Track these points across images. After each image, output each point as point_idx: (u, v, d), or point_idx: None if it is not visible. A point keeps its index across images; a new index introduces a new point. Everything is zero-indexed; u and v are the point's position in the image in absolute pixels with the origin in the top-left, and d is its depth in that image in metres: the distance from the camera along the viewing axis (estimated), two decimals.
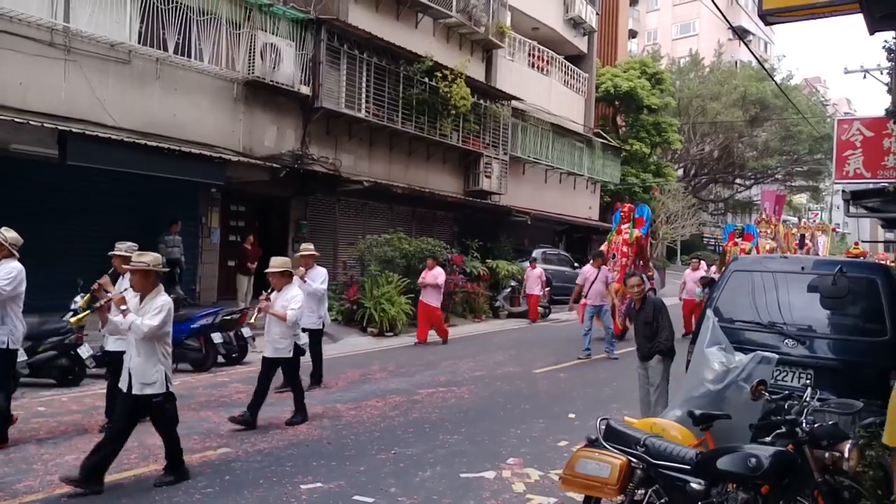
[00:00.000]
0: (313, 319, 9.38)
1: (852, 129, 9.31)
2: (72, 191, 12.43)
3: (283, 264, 7.70)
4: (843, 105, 67.05)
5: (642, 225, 15.46)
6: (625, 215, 15.60)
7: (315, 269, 9.58)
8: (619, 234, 15.38)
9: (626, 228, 15.28)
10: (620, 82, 32.34)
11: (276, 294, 7.61)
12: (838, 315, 5.98)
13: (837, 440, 3.70)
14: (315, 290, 9.32)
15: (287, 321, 7.39)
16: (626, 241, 15.22)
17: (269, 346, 7.68)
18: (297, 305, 7.47)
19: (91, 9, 11.74)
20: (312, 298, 9.23)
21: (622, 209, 15.80)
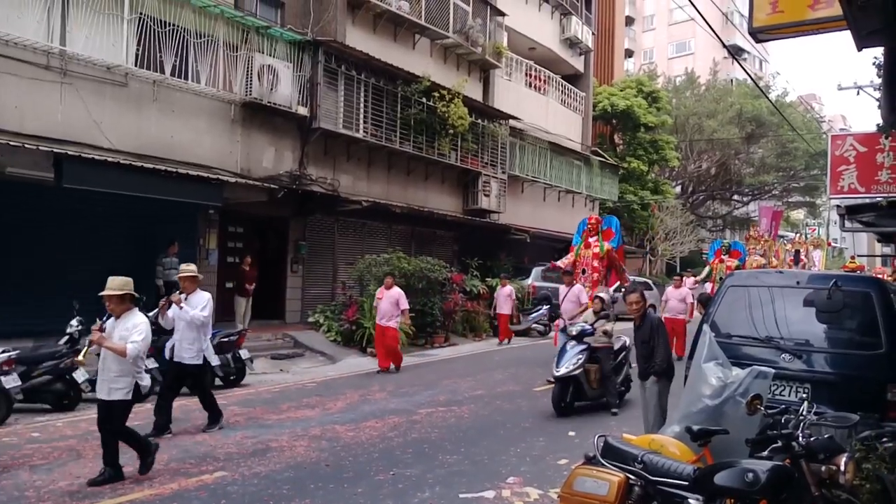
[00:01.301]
0: (192, 353, 8.15)
1: (846, 145, 9.37)
2: (68, 214, 12.41)
3: (123, 286, 6.44)
4: (838, 121, 67.40)
5: (611, 237, 14.88)
6: (592, 227, 14.76)
7: (197, 293, 8.34)
8: (587, 248, 14.62)
9: (596, 241, 14.60)
10: (617, 101, 32.57)
11: (112, 322, 6.39)
12: (834, 329, 5.99)
13: (834, 454, 3.68)
14: (194, 317, 8.04)
15: (127, 356, 6.10)
16: (596, 255, 14.50)
17: (103, 385, 6.29)
18: (140, 337, 6.18)
19: (87, 32, 11.80)
20: (192, 328, 8.10)
21: (588, 221, 15.00)
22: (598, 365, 9.59)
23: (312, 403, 9.91)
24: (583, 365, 9.30)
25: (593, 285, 14.19)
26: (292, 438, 7.88)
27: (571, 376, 9.26)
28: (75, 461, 6.84)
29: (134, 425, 7.51)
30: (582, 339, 9.48)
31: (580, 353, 9.33)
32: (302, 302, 16.97)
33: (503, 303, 17.62)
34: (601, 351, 9.63)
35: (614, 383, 9.71)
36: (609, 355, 9.75)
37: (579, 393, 9.46)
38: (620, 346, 10.20)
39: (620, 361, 10.10)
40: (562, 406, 9.26)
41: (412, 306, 15.95)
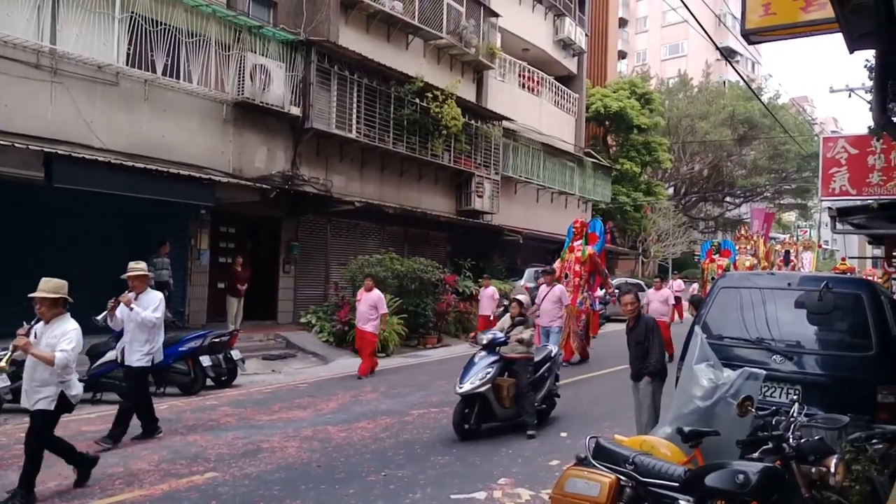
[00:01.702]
0: (139, 356, 7.77)
1: (837, 147, 9.40)
2: (59, 213, 12.39)
3: (56, 289, 6.18)
4: (829, 123, 67.66)
5: (595, 241, 14.70)
6: (577, 231, 14.68)
7: (148, 293, 7.98)
8: (570, 252, 14.52)
9: (579, 245, 14.46)
10: (610, 102, 32.69)
11: (41, 327, 6.12)
12: (825, 331, 6.02)
13: (824, 455, 3.70)
14: (145, 319, 7.68)
15: (55, 365, 5.76)
16: (578, 259, 14.38)
17: (27, 394, 5.97)
18: (70, 346, 5.88)
19: (78, 30, 11.75)
20: (142, 330, 7.74)
21: (574, 225, 14.90)
22: (515, 379, 8.32)
23: (304, 404, 9.88)
24: (492, 379, 8.04)
25: (575, 290, 14.12)
26: (284, 439, 7.86)
27: (477, 394, 7.97)
28: (62, 462, 6.78)
29: None
30: (493, 349, 8.30)
31: (490, 367, 8.08)
32: (294, 302, 16.92)
33: (486, 304, 17.15)
34: (518, 363, 8.32)
35: (532, 400, 8.34)
36: (527, 368, 8.36)
37: (487, 413, 8.15)
38: (544, 357, 8.97)
39: (542, 374, 8.80)
40: (465, 429, 7.94)
41: (405, 307, 16.00)
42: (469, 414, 8.00)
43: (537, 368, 8.70)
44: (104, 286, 12.68)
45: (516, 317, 8.62)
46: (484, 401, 8.07)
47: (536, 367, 8.66)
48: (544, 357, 8.97)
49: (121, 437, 7.57)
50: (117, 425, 7.59)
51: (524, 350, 8.39)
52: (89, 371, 9.84)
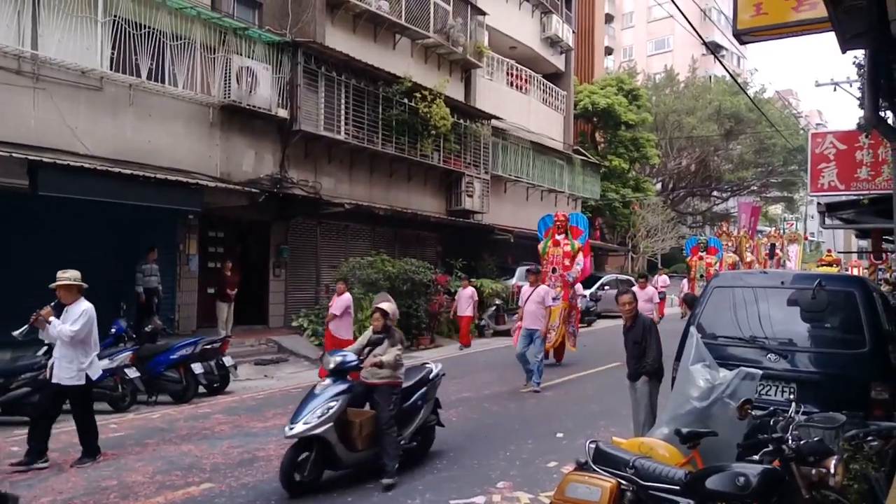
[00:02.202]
0: (71, 373, 7.09)
1: (826, 143, 9.43)
2: (45, 221, 12.24)
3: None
4: (814, 116, 68.16)
5: (579, 235, 14.41)
6: (560, 225, 14.22)
7: (78, 304, 7.19)
8: (556, 247, 14.12)
9: (566, 240, 14.11)
10: (598, 99, 32.75)
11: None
12: (818, 328, 6.05)
13: (823, 456, 3.72)
14: (61, 332, 6.96)
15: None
16: (567, 254, 13.98)
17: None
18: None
19: (60, 35, 11.57)
20: (68, 345, 7.03)
21: (555, 218, 14.47)
22: (374, 412, 6.69)
23: (291, 413, 9.79)
24: (335, 416, 6.26)
25: (565, 285, 13.92)
26: (279, 447, 7.71)
27: (314, 436, 6.19)
28: (56, 476, 6.73)
29: (116, 436, 7.45)
30: (344, 374, 6.62)
31: (333, 399, 6.31)
32: (285, 306, 16.84)
33: (464, 305, 16.89)
34: (379, 391, 6.63)
35: (394, 439, 6.55)
36: (390, 397, 6.62)
37: (330, 458, 6.37)
38: (419, 380, 7.23)
39: (415, 403, 7.07)
40: (296, 481, 6.14)
41: (398, 308, 15.89)
42: (304, 462, 6.19)
43: (409, 395, 7.02)
44: (94, 294, 12.58)
45: (379, 331, 6.85)
46: (323, 444, 6.25)
47: (408, 394, 7.00)
48: (419, 379, 7.25)
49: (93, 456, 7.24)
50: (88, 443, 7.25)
51: (388, 375, 6.65)
52: None
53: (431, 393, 7.32)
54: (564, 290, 13.93)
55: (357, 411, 6.76)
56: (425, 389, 7.23)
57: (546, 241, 14.33)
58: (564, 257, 14.00)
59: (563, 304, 13.80)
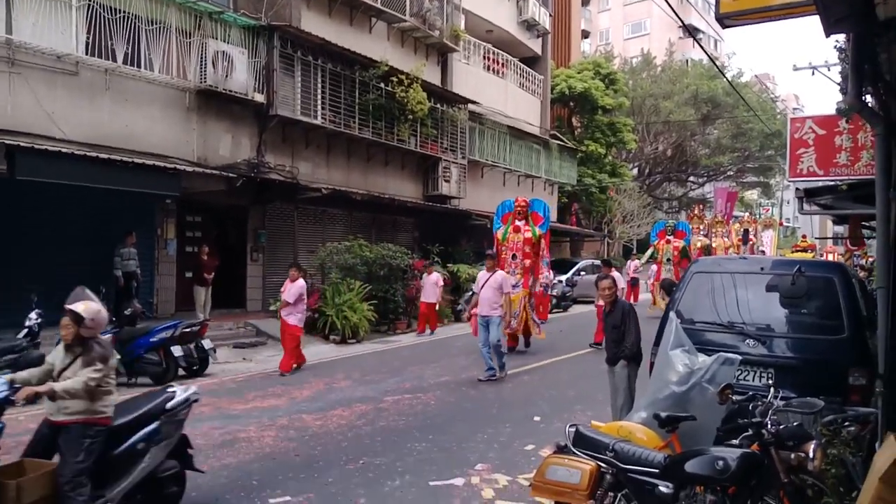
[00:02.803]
0: None
1: (805, 128, 9.49)
2: (23, 206, 12.15)
3: None
4: (791, 101, 68.83)
5: (539, 221, 13.91)
6: (521, 210, 13.77)
7: None
8: (517, 233, 13.72)
9: (526, 226, 13.72)
10: (575, 83, 32.77)
11: None
12: (797, 314, 6.11)
13: (802, 441, 3.78)
14: None
15: None
16: (528, 241, 13.64)
17: None
18: None
19: (34, 19, 11.44)
20: None
21: (516, 203, 13.98)
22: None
23: (278, 392, 9.86)
24: None
25: (524, 272, 13.61)
26: (260, 428, 7.84)
27: None
28: None
29: None
30: None
31: None
32: (263, 290, 16.80)
33: (429, 291, 16.49)
34: (66, 433, 4.67)
35: None
36: (81, 442, 4.63)
37: None
38: (147, 412, 5.13)
39: (135, 446, 4.98)
40: None
41: (375, 293, 15.94)
42: None
43: (123, 435, 4.96)
44: (73, 277, 12.50)
45: (70, 343, 4.82)
46: None
47: (121, 434, 4.95)
48: (147, 412, 5.16)
49: None
50: None
51: (80, 409, 4.68)
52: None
53: (169, 430, 5.20)
54: (524, 277, 13.66)
55: (33, 463, 4.74)
56: (156, 426, 5.11)
57: (506, 227, 13.95)
58: (525, 244, 13.65)
59: (523, 291, 13.53)
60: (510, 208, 14.05)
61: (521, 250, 13.65)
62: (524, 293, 13.57)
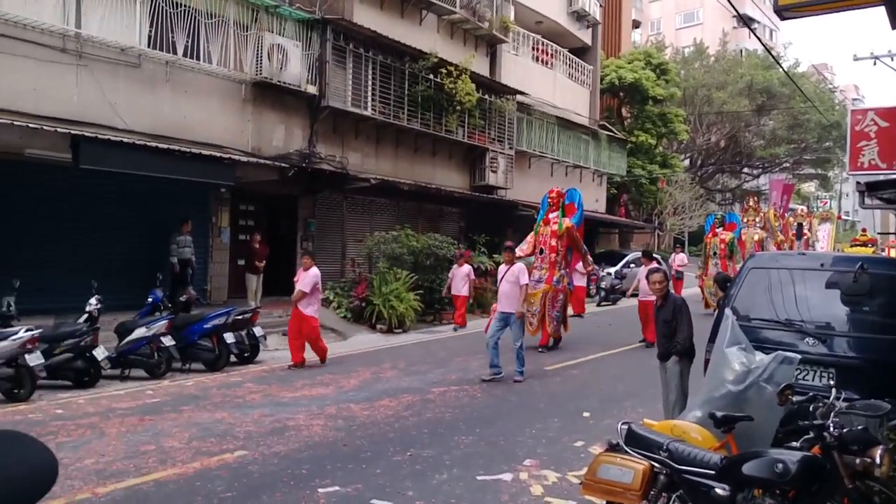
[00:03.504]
0: None
1: (866, 120, 9.19)
2: (84, 194, 12.57)
3: None
4: (850, 91, 66.58)
5: (573, 213, 13.20)
6: (553, 202, 13.07)
7: None
8: (546, 225, 12.96)
9: (555, 218, 12.90)
10: (625, 74, 32.28)
11: None
12: (859, 312, 5.88)
13: (868, 445, 3.62)
14: None
15: None
16: (554, 233, 12.79)
17: None
18: None
19: (101, 14, 11.84)
20: None
21: (549, 194, 13.26)
22: None
23: (326, 381, 9.97)
24: None
25: (550, 266, 12.74)
26: (309, 417, 7.94)
27: None
28: (99, 439, 6.92)
29: (153, 402, 7.65)
30: None
31: None
32: None
33: (459, 284, 15.77)
34: None
35: None
36: None
37: None
38: None
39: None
40: None
41: (421, 283, 15.97)
42: None
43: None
44: (131, 264, 12.95)
45: None
46: None
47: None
48: None
49: None
50: None
51: None
52: (117, 348, 10.02)
53: None
54: (550, 272, 12.76)
55: None
56: None
57: (540, 218, 13.31)
58: (552, 236, 12.82)
59: (546, 286, 12.71)
60: None
61: (547, 244, 12.87)
62: (546, 289, 12.73)
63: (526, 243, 13.22)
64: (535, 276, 12.56)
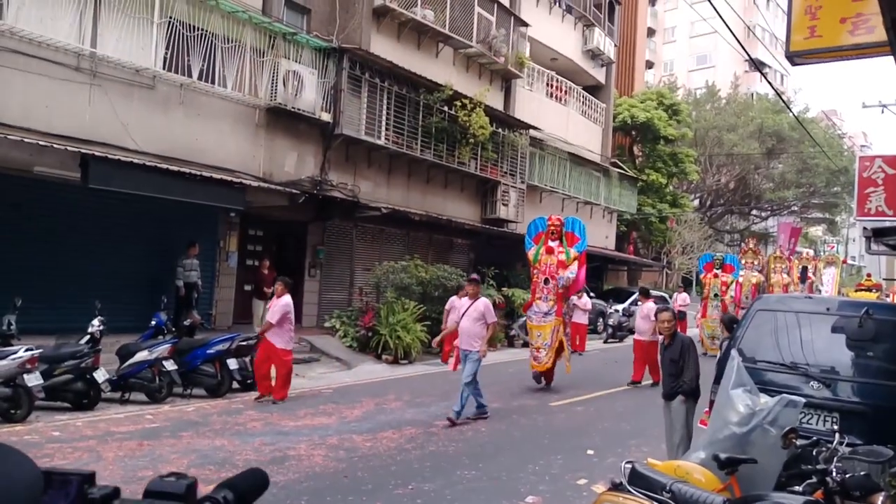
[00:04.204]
0: None
1: (874, 167, 9.25)
2: (92, 213, 12.61)
3: None
4: (859, 138, 66.78)
5: (575, 242, 12.60)
6: (554, 230, 12.50)
7: None
8: (550, 254, 12.46)
9: (560, 247, 12.42)
10: (637, 112, 32.54)
11: None
12: (864, 358, 5.89)
13: (870, 491, 3.62)
14: None
15: None
16: (562, 263, 12.30)
17: None
18: None
19: (118, 34, 11.94)
20: None
21: (548, 221, 12.73)
22: None
23: (329, 411, 9.91)
24: None
25: (558, 298, 12.40)
26: (310, 447, 7.87)
27: None
28: (95, 463, 6.87)
29: (152, 427, 7.61)
30: None
31: None
32: (319, 306, 17.01)
33: None
34: None
35: None
36: None
37: None
38: None
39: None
40: None
41: (429, 314, 15.92)
42: None
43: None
44: (136, 285, 12.93)
45: None
46: None
47: None
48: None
49: None
50: None
51: None
52: (118, 371, 9.98)
53: None
54: (558, 305, 12.39)
55: None
56: None
57: (538, 247, 12.73)
58: (559, 267, 12.31)
59: (556, 320, 12.32)
60: (543, 227, 12.80)
61: (554, 274, 12.36)
62: (557, 322, 12.36)
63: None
64: (542, 309, 12.33)
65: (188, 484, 1.19)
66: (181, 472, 1.27)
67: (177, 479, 1.20)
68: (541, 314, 12.20)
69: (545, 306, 12.28)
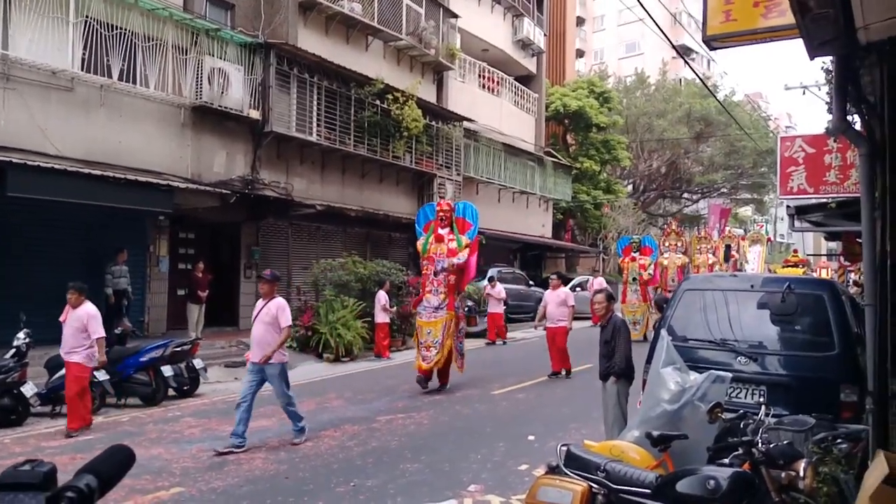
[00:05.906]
0: None
1: (795, 147, 9.58)
2: (12, 223, 12.09)
3: None
4: (783, 119, 69.20)
5: (468, 228, 11.56)
6: (444, 216, 11.41)
7: None
8: (439, 243, 11.37)
9: (451, 234, 11.33)
10: (569, 101, 32.96)
11: None
12: (788, 331, 6.11)
13: (793, 459, 3.74)
14: None
15: None
16: (452, 252, 11.21)
17: None
18: None
19: (31, 35, 11.49)
20: None
21: (438, 207, 11.70)
22: None
23: (269, 413, 9.71)
24: None
25: (450, 290, 11.30)
26: (249, 452, 7.72)
27: None
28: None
29: (85, 440, 7.36)
30: None
31: None
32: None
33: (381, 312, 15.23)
34: None
35: None
36: None
37: None
38: None
39: None
40: None
41: (369, 310, 15.80)
42: None
43: None
44: (60, 297, 12.40)
45: None
46: None
47: None
48: None
49: None
50: None
51: None
52: (48, 384, 9.61)
53: None
54: (449, 298, 11.30)
55: None
56: None
57: (427, 236, 11.60)
58: (449, 255, 11.24)
59: (449, 314, 11.26)
60: (433, 215, 11.72)
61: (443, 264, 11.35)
62: (449, 317, 11.26)
63: None
64: (432, 303, 11.31)
65: (45, 472, 1.12)
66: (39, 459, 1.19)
67: (32, 468, 1.12)
68: (431, 309, 11.27)
69: (435, 300, 11.26)
